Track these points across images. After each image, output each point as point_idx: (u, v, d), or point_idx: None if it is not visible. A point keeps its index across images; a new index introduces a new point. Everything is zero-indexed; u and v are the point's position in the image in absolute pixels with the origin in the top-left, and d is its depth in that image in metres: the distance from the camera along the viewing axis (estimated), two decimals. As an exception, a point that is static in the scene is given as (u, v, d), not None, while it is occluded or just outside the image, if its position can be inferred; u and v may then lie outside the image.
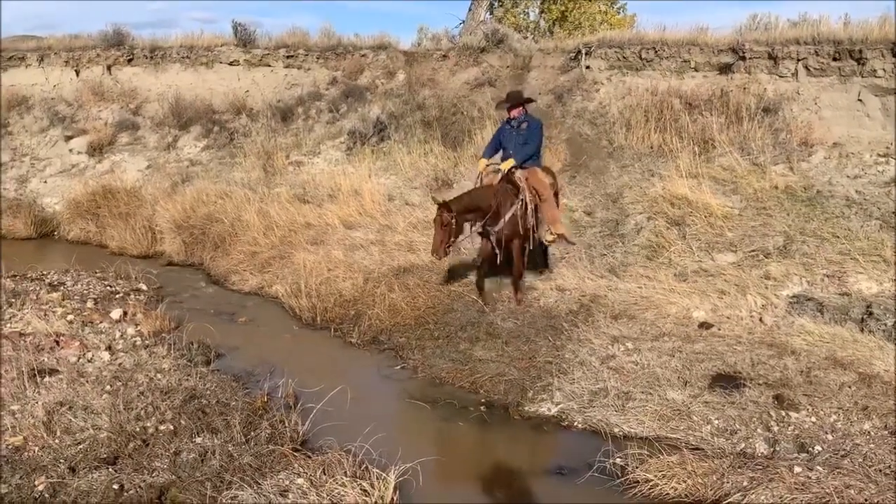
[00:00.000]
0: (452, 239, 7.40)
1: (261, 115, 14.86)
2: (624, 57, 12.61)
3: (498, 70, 14.07)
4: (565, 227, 7.91)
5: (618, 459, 4.97)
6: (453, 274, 8.48)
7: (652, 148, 11.01)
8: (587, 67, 13.01)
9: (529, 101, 8.26)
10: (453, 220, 7.27)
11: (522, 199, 7.58)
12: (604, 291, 7.82)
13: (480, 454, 5.42)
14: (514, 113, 7.78)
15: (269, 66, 15.78)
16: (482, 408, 6.04)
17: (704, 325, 7.02)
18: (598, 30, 16.39)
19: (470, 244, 8.38)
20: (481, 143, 11.75)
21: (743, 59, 11.31)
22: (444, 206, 7.27)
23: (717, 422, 5.37)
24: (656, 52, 12.25)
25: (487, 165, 7.93)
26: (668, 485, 4.68)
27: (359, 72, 15.35)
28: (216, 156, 14.38)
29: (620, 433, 5.46)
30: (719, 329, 6.96)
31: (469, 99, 13.18)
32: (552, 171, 8.53)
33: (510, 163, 7.63)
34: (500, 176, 7.79)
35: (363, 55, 15.48)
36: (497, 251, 7.59)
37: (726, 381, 5.86)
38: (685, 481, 4.67)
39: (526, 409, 5.94)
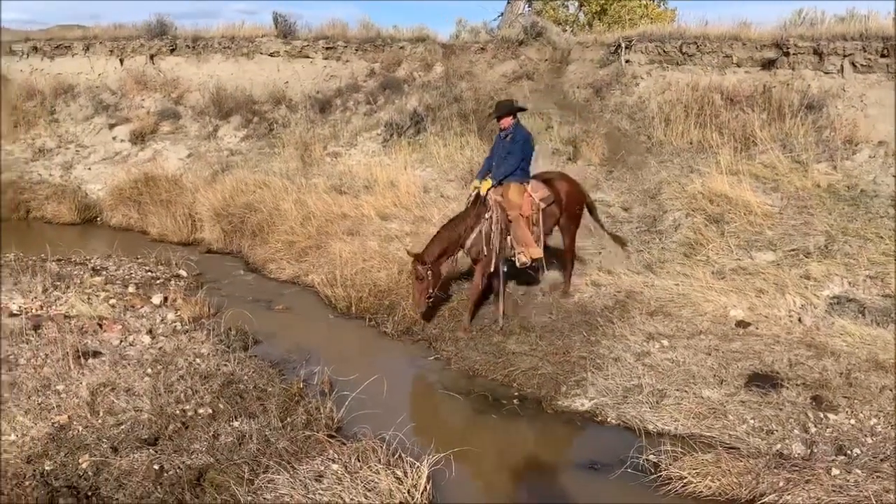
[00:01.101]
0: (431, 291, 7.28)
1: (299, 106, 15.00)
2: (664, 51, 12.47)
3: (536, 63, 14.02)
4: (539, 251, 7.37)
5: (651, 456, 4.95)
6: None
7: (691, 144, 10.89)
8: (627, 61, 12.90)
9: (519, 109, 7.74)
10: (428, 273, 7.14)
11: (489, 219, 7.23)
12: (640, 288, 7.77)
13: (513, 447, 5.43)
14: (504, 123, 7.37)
15: (309, 57, 15.91)
16: (515, 401, 6.06)
17: (742, 324, 6.94)
18: (639, 24, 16.21)
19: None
20: (518, 136, 11.73)
21: (787, 54, 11.11)
22: (416, 259, 7.16)
23: (752, 421, 5.31)
24: (698, 46, 12.09)
25: (476, 188, 7.43)
26: (702, 483, 4.65)
27: (397, 64, 15.40)
28: (255, 146, 14.56)
29: (654, 430, 5.43)
30: (757, 328, 6.87)
31: (506, 92, 13.12)
32: (567, 179, 7.99)
33: (487, 185, 7.24)
34: (472, 197, 7.46)
35: (401, 47, 15.53)
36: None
37: (763, 381, 5.79)
38: (720, 480, 4.64)
39: (559, 403, 5.95)
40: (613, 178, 10.49)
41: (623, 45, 12.94)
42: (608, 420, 5.68)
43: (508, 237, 7.35)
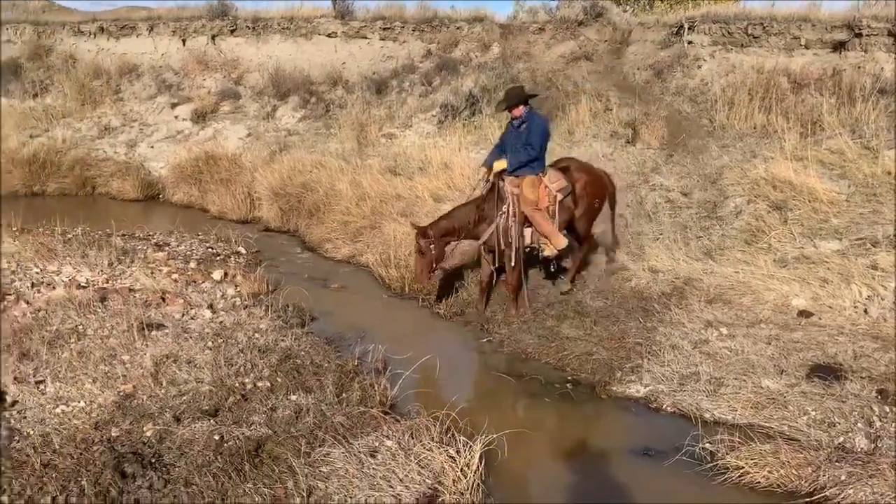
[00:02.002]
0: (434, 265, 7.19)
1: (356, 87, 15.10)
2: (729, 33, 12.13)
3: (595, 44, 13.80)
4: (563, 241, 7.13)
5: (707, 444, 4.88)
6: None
7: (755, 128, 10.59)
8: (689, 43, 12.58)
9: (531, 96, 7.39)
10: (431, 247, 7.05)
11: (505, 212, 7.08)
12: (698, 275, 7.62)
13: (565, 430, 5.42)
14: (516, 112, 7.07)
15: (366, 38, 15.98)
16: (568, 385, 6.03)
17: (804, 314, 6.75)
18: (702, 4, 15.78)
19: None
20: (575, 118, 11.61)
21: (859, 35, 10.68)
22: (420, 233, 7.07)
23: (814, 413, 5.18)
24: (764, 28, 11.72)
25: (486, 174, 7.29)
26: (759, 473, 4.56)
27: (453, 44, 15.35)
28: (312, 126, 14.72)
29: (711, 418, 5.35)
30: (820, 318, 6.68)
31: (564, 73, 12.98)
32: (587, 169, 7.62)
33: (501, 164, 7.04)
34: (488, 185, 7.25)
35: (458, 28, 15.47)
36: (492, 270, 7.38)
37: (825, 372, 5.63)
38: (778, 471, 4.54)
39: (613, 389, 5.90)
40: (673, 162, 10.28)
41: (686, 26, 12.63)
42: (663, 407, 5.61)
43: (530, 229, 7.17)
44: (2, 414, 4.70)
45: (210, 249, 9.95)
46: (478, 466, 4.51)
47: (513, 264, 7.16)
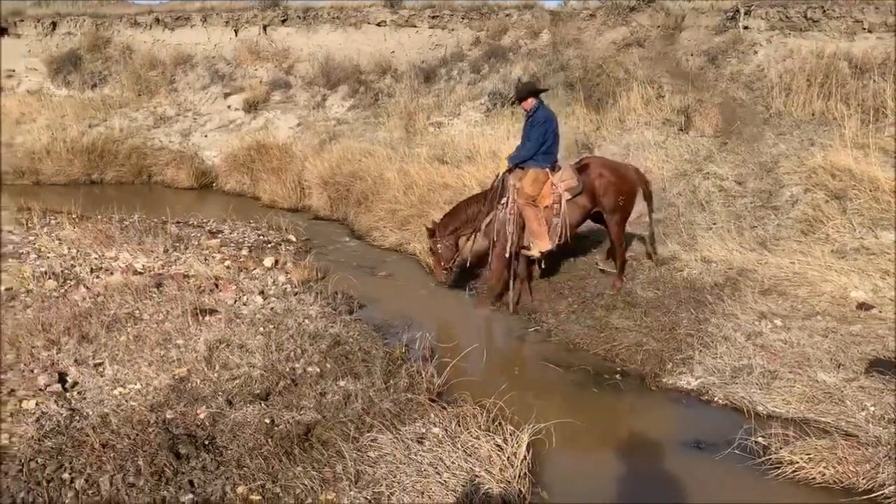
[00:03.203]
0: (449, 262, 7.44)
1: (404, 76, 15.13)
2: (787, 17, 11.77)
3: (647, 30, 13.53)
4: (547, 244, 7.07)
5: (760, 438, 4.78)
6: (589, 242, 8.36)
7: (813, 115, 10.26)
8: (745, 28, 12.25)
9: (541, 91, 7.46)
10: (439, 245, 7.37)
11: (504, 205, 7.07)
12: (753, 265, 7.44)
13: (614, 421, 5.37)
14: (526, 105, 7.15)
15: (415, 26, 15.98)
16: (617, 376, 5.97)
17: (863, 307, 6.54)
18: (759, -12, 15.33)
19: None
20: (626, 105, 11.44)
21: (926, 18, 10.25)
22: (430, 232, 7.43)
23: (873, 408, 5.01)
24: (824, 11, 11.33)
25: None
26: (814, 469, 4.45)
27: (502, 32, 15.25)
28: (361, 115, 14.81)
29: (764, 412, 5.23)
30: (880, 311, 6.46)
31: (615, 59, 12.78)
32: (609, 167, 7.43)
33: (506, 163, 7.15)
34: (499, 178, 7.28)
35: (508, 15, 15.36)
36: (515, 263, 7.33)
37: (886, 367, 5.44)
38: (834, 467, 4.42)
39: (663, 380, 5.81)
40: (727, 150, 10.04)
41: (742, 10, 12.29)
42: (715, 400, 5.50)
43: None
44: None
45: (262, 237, 10.12)
46: (525, 456, 4.50)
47: (505, 255, 7.14)
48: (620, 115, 11.47)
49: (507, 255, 7.13)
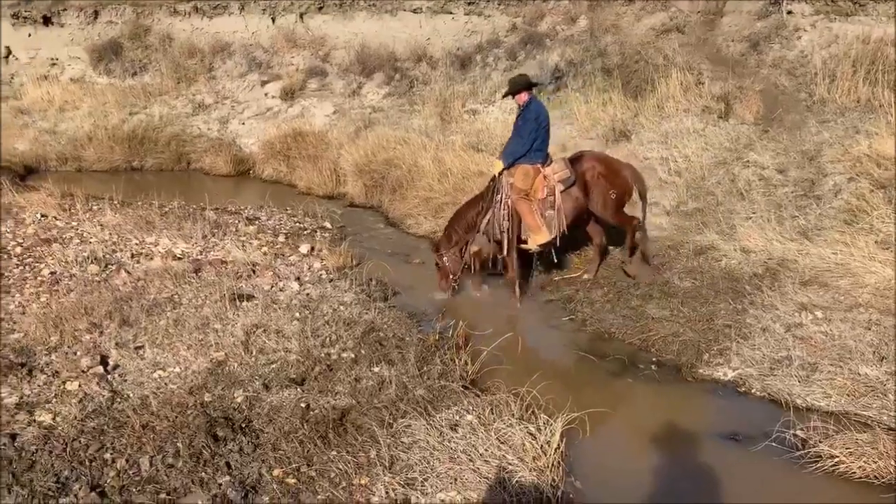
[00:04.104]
0: (452, 277, 7.40)
1: (440, 63, 15.07)
2: (832, 1, 11.44)
3: (687, 16, 13.27)
4: (544, 236, 7.03)
5: (799, 431, 4.70)
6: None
7: (859, 102, 9.97)
8: (789, 12, 11.95)
9: (532, 85, 7.35)
10: (445, 258, 7.34)
11: (498, 202, 7.10)
12: (793, 255, 7.29)
13: (649, 412, 5.32)
14: (520, 100, 7.09)
15: (451, 13, 15.90)
16: (653, 366, 5.92)
17: (909, 299, 6.38)
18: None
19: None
20: (665, 92, 11.26)
21: (980, 1, 9.89)
22: (434, 247, 7.48)
23: (917, 403, 4.91)
24: (872, -6, 10.99)
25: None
26: (855, 463, 4.37)
27: (539, 18, 15.10)
28: (396, 103, 14.81)
29: (803, 405, 5.15)
30: (926, 304, 6.30)
31: (654, 46, 12.56)
32: (601, 160, 7.41)
33: (498, 165, 7.09)
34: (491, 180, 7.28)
35: (544, 1, 15.20)
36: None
37: (931, 361, 5.32)
38: (876, 462, 4.34)
39: (700, 371, 5.75)
40: (768, 137, 9.83)
41: (785, -6, 11.99)
42: (752, 391, 5.44)
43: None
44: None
45: (298, 224, 10.21)
46: (558, 445, 4.49)
47: (505, 253, 7.18)
48: (659, 102, 11.29)
49: (506, 251, 7.19)
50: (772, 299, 6.50)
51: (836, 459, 4.41)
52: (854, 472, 4.36)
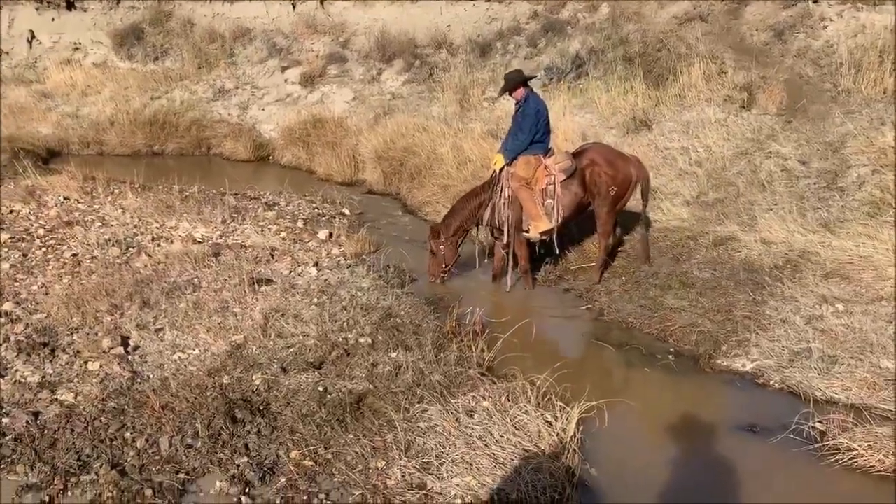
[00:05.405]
0: (446, 265, 7.37)
1: (460, 50, 15.02)
2: (860, -11, 11.26)
3: (711, 4, 13.12)
4: (547, 224, 7.01)
5: (818, 424, 4.67)
6: (634, 221, 8.23)
7: (885, 93, 9.82)
8: (814, 2, 11.77)
9: (528, 79, 7.28)
10: (441, 247, 7.28)
11: (499, 193, 7.10)
12: (815, 247, 7.21)
13: (666, 402, 5.30)
14: (517, 96, 7.08)
15: (472, -1, 15.84)
16: (670, 356, 5.90)
17: (932, 293, 6.30)
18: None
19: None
20: (687, 81, 11.16)
21: None
22: (433, 233, 7.32)
23: (939, 398, 4.86)
24: (901, -17, 10.80)
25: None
26: (874, 457, 4.33)
27: (561, 5, 14.99)
28: (416, 90, 14.78)
29: (822, 397, 5.11)
30: (950, 298, 6.21)
31: (677, 34, 12.44)
32: (603, 153, 7.28)
33: (500, 161, 7.06)
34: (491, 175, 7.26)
35: (566, -12, 15.08)
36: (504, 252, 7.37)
37: (954, 356, 5.26)
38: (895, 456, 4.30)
39: (718, 362, 5.72)
40: (791, 128, 9.71)
41: (812, -17, 11.82)
42: (770, 383, 5.40)
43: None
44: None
45: (316, 210, 10.24)
46: (574, 433, 4.50)
47: (509, 241, 7.20)
48: (680, 91, 11.19)
49: (506, 239, 7.20)
50: (792, 291, 6.45)
51: (855, 453, 4.37)
52: (873, 466, 4.32)
